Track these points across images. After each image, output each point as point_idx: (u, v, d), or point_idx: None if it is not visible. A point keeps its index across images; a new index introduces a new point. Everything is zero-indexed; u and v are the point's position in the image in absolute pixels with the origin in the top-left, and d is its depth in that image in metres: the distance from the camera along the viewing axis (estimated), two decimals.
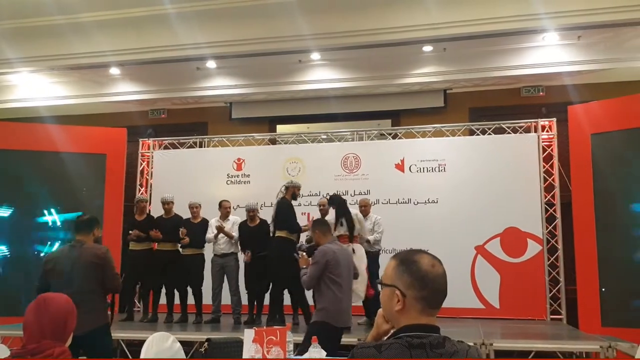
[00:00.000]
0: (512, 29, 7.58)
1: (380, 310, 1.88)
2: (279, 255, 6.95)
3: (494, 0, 7.44)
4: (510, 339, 6.39)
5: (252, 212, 7.61)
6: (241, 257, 7.67)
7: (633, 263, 7.31)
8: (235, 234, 7.61)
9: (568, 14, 7.28)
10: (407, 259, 1.78)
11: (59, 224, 9.13)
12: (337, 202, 7.07)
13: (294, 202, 7.28)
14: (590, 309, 7.57)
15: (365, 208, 7.57)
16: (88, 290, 3.95)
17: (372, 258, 7.31)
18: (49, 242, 9.05)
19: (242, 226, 7.64)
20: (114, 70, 9.43)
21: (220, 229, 7.56)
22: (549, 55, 8.44)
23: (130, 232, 7.80)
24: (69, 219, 9.10)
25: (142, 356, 3.79)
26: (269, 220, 7.49)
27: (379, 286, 1.92)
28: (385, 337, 1.83)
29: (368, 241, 7.30)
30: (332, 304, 4.54)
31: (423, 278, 1.72)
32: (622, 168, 7.55)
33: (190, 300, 7.80)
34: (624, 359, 5.54)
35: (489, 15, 7.42)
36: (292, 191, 7.26)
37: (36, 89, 9.88)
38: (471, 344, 1.83)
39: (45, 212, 9.14)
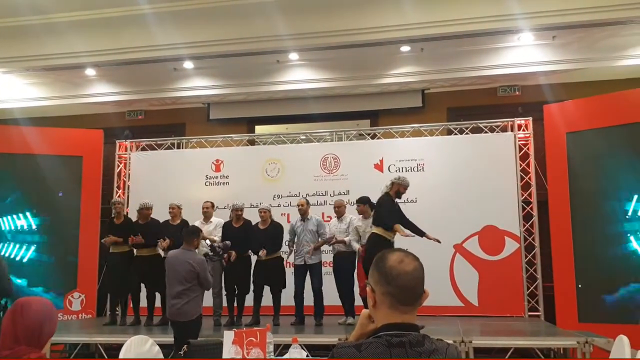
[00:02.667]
0: (487, 29, 7.67)
1: (364, 311, 1.87)
2: (371, 255, 6.73)
3: (470, 1, 7.51)
4: (489, 336, 6.45)
5: (239, 211, 7.55)
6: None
7: (608, 260, 7.42)
8: (218, 236, 7.53)
9: (543, 14, 7.38)
10: (379, 257, 1.80)
11: (34, 227, 8.98)
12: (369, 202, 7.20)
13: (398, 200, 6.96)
14: (567, 306, 7.67)
15: (339, 209, 7.55)
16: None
17: (347, 258, 7.32)
18: (25, 245, 8.91)
19: (227, 226, 7.59)
20: (90, 71, 9.32)
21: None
22: (524, 55, 8.55)
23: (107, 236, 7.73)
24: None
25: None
26: (253, 221, 7.51)
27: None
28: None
29: (343, 242, 7.29)
30: None
31: (387, 274, 1.73)
32: (597, 166, 7.66)
33: None
34: (600, 354, 5.62)
35: (465, 15, 7.50)
36: (397, 188, 6.78)
37: (10, 90, 9.71)
38: (450, 341, 1.84)
39: (21, 215, 8.98)
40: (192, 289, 5.25)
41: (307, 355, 3.35)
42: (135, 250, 7.78)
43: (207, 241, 6.99)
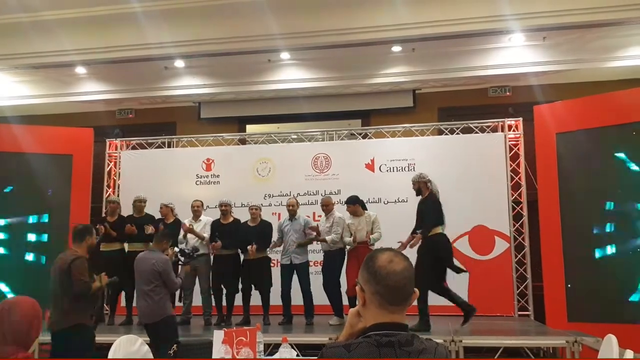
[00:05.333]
0: (479, 29, 7.70)
1: (352, 310, 1.88)
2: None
3: (461, 2, 7.54)
4: (479, 335, 6.47)
5: (224, 206, 7.52)
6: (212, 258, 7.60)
7: (597, 259, 7.46)
8: (207, 234, 7.54)
9: (533, 15, 7.42)
10: (369, 256, 1.81)
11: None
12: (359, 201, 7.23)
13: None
14: (556, 305, 7.70)
15: (327, 207, 7.51)
16: (60, 294, 4.47)
17: (331, 257, 7.31)
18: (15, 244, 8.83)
19: (215, 224, 7.58)
20: (80, 70, 9.27)
21: (188, 230, 7.49)
22: (515, 56, 8.60)
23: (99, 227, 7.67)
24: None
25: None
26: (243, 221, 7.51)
27: None
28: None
29: (325, 241, 7.27)
30: None
31: (376, 273, 1.74)
32: (587, 166, 7.70)
33: None
34: (589, 354, 5.65)
35: (457, 16, 7.52)
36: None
37: None
38: (440, 341, 1.85)
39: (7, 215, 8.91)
40: (156, 290, 5.14)
41: (297, 355, 3.35)
42: (127, 247, 7.74)
43: (177, 248, 6.93)
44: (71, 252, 4.58)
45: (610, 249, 7.35)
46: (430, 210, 6.59)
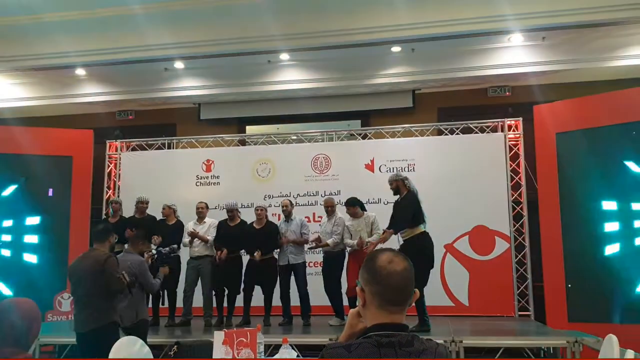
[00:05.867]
0: (478, 30, 7.71)
1: (352, 310, 1.88)
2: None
3: (461, 2, 7.55)
4: (480, 335, 6.48)
5: (231, 211, 7.53)
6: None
7: (597, 259, 7.45)
8: (211, 236, 7.53)
9: (533, 15, 7.44)
10: (369, 257, 1.82)
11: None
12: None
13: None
14: (557, 305, 7.70)
15: (331, 208, 7.45)
16: (93, 293, 4.41)
17: (332, 259, 7.31)
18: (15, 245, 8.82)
19: (222, 225, 7.57)
20: (80, 71, 9.28)
21: (193, 234, 7.48)
22: (514, 56, 8.61)
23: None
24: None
25: None
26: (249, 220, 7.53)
27: None
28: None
29: (327, 245, 7.25)
30: None
31: (376, 273, 1.74)
32: (587, 166, 7.69)
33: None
34: (590, 354, 5.65)
35: (456, 16, 7.53)
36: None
37: None
38: (441, 341, 1.85)
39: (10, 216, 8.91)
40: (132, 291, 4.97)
41: (297, 356, 3.35)
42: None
43: (153, 250, 6.86)
44: (100, 251, 4.58)
45: (610, 249, 7.35)
46: (409, 207, 6.53)
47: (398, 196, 6.77)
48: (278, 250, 7.52)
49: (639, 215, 7.16)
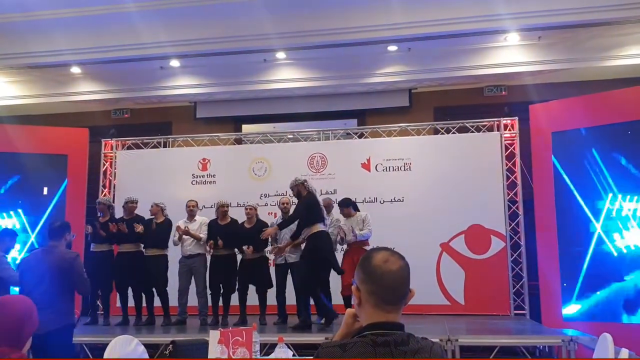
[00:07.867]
0: (474, 29, 7.73)
1: (349, 310, 1.87)
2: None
3: (457, 1, 7.56)
4: (475, 334, 6.48)
5: (224, 207, 7.51)
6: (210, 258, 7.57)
7: (592, 258, 7.48)
8: (204, 234, 7.50)
9: (528, 15, 7.45)
10: (365, 256, 1.81)
11: (18, 226, 8.88)
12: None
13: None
14: (552, 304, 7.72)
15: (328, 207, 7.48)
16: (56, 292, 4.24)
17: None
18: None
19: (212, 224, 7.55)
20: (75, 69, 9.25)
21: (186, 232, 7.45)
22: (510, 55, 8.62)
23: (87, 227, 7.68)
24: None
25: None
26: (240, 220, 7.51)
27: None
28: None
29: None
30: None
31: (372, 273, 1.74)
32: (582, 165, 7.71)
33: (157, 302, 7.68)
34: (585, 352, 5.66)
35: (452, 15, 7.54)
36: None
37: None
38: (436, 340, 1.85)
39: (4, 214, 8.88)
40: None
41: (293, 355, 3.34)
42: (117, 247, 7.70)
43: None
44: (63, 250, 4.47)
45: (605, 248, 7.37)
46: (304, 209, 6.65)
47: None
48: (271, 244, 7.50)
49: (634, 214, 7.19)
